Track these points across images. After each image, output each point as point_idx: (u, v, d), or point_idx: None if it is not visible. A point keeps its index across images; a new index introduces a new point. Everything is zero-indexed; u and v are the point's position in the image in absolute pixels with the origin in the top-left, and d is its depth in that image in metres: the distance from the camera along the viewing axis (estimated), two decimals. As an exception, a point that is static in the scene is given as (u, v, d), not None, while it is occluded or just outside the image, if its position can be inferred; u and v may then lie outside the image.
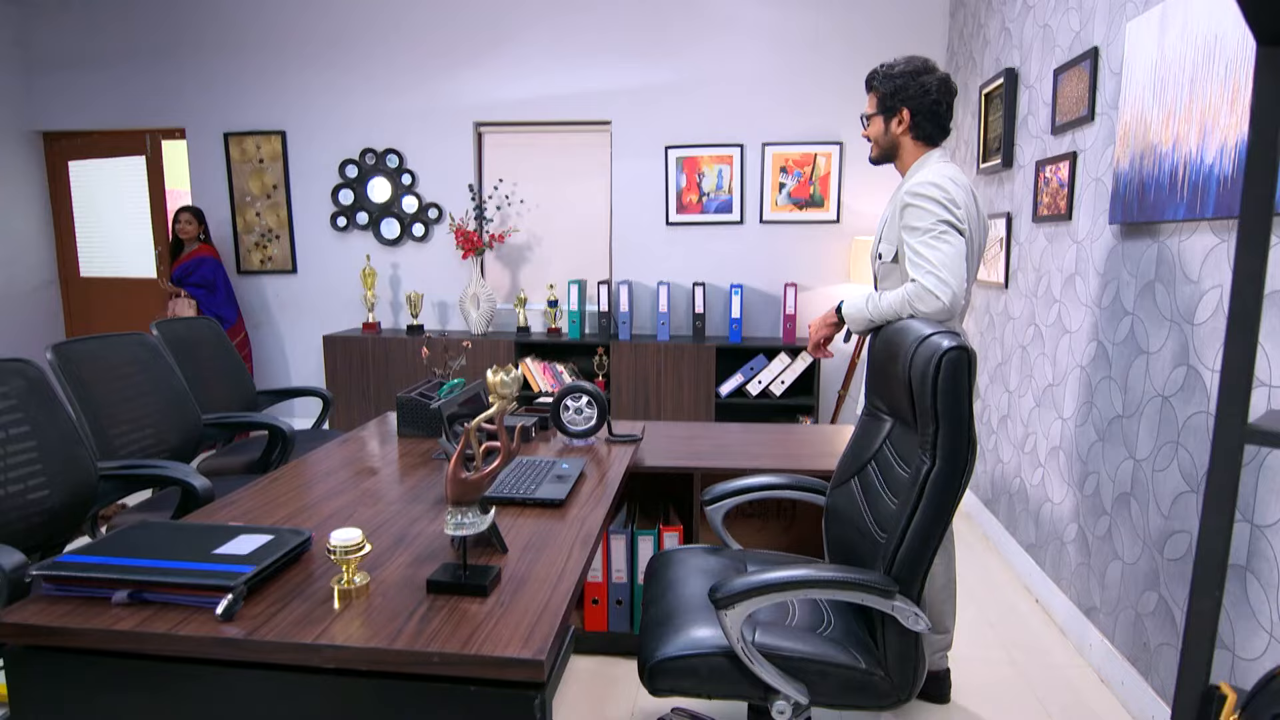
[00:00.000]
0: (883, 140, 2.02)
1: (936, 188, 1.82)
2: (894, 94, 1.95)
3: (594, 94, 4.40)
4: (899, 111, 1.96)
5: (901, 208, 1.87)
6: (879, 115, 2.00)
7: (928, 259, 1.77)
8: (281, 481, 1.86)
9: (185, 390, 2.34)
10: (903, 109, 1.95)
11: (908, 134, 1.98)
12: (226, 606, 1.17)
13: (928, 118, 1.96)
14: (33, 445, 1.74)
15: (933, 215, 1.80)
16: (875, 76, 2.00)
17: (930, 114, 1.95)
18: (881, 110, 1.99)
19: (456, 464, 1.25)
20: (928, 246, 1.78)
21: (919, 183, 1.84)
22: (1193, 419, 1.88)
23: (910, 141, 1.99)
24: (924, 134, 1.97)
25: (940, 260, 1.76)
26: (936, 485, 1.40)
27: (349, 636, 1.13)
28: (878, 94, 1.99)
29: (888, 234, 1.99)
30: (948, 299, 1.74)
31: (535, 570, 1.37)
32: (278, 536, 1.38)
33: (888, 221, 1.99)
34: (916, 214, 1.82)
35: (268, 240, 4.74)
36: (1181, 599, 1.90)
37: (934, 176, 1.85)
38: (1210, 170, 1.80)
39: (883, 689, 1.47)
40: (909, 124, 1.96)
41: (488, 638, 1.13)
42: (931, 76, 1.94)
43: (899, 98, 1.95)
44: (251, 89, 4.61)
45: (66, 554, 1.29)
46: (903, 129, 1.97)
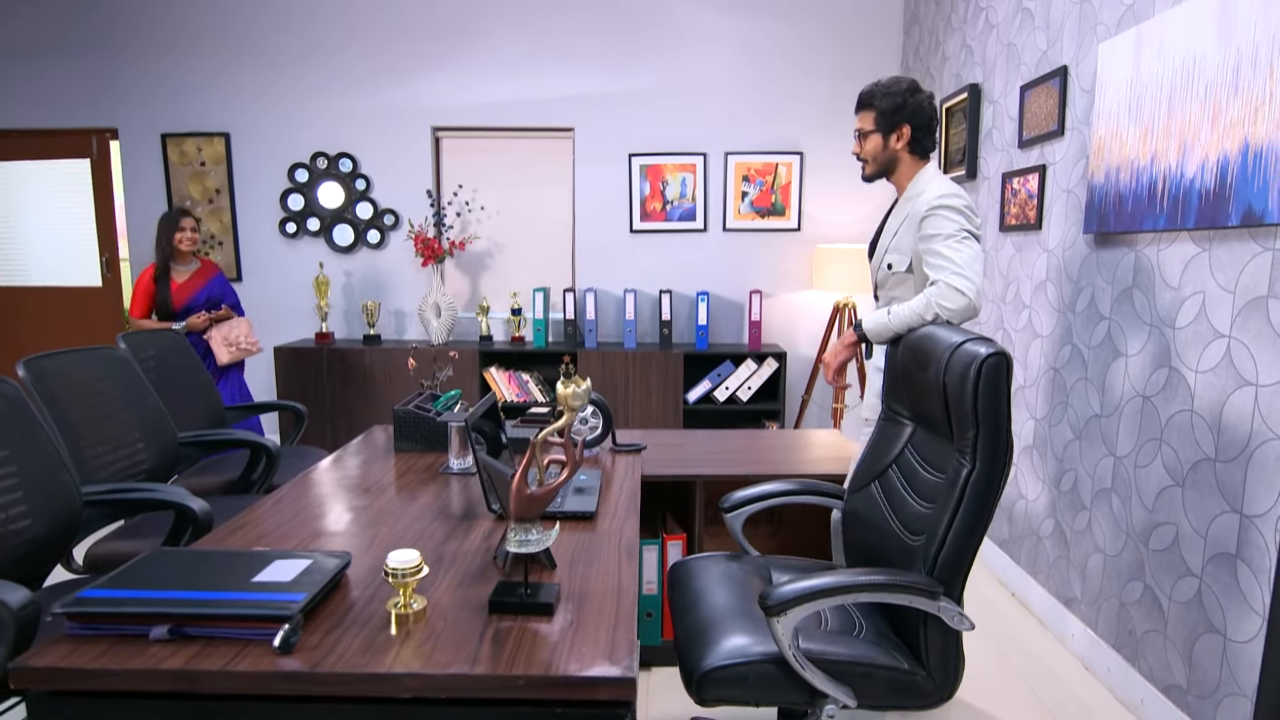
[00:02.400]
0: (881, 156, 2.05)
1: (959, 198, 1.89)
2: (896, 110, 2.00)
3: (556, 100, 4.36)
4: (900, 128, 2.01)
5: (921, 219, 1.92)
6: (877, 132, 2.03)
7: (951, 259, 1.83)
8: (286, 503, 1.77)
9: (160, 407, 2.20)
10: (904, 125, 2.01)
11: (906, 149, 2.03)
12: (284, 638, 1.10)
13: (926, 133, 2.03)
14: (13, 470, 1.60)
15: (955, 224, 1.87)
16: (874, 95, 2.03)
17: (927, 129, 2.03)
18: (881, 127, 2.03)
19: (521, 479, 1.21)
20: (951, 249, 1.84)
21: (941, 194, 1.90)
22: (1176, 417, 2.00)
23: (908, 156, 2.05)
24: (921, 148, 2.04)
25: (964, 260, 1.82)
26: (977, 487, 1.44)
27: (425, 663, 1.08)
28: (877, 111, 2.02)
29: (897, 245, 2.03)
30: (973, 294, 1.80)
31: (590, 586, 1.34)
32: (316, 560, 1.31)
33: (896, 234, 2.04)
34: (939, 222, 1.88)
35: (210, 247, 4.50)
36: (1168, 587, 2.01)
37: (951, 188, 1.93)
38: (1191, 184, 1.92)
39: (925, 689, 1.50)
40: (909, 139, 2.02)
41: (568, 657, 1.10)
42: (924, 94, 2.03)
43: (901, 114, 2.00)
44: (192, 88, 4.38)
45: (90, 589, 1.19)
46: (902, 144, 2.02)
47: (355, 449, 2.26)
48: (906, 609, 1.53)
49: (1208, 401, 1.88)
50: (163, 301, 3.48)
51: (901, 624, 1.59)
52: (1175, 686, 1.98)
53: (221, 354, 3.54)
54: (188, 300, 3.54)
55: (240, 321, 3.64)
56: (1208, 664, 1.87)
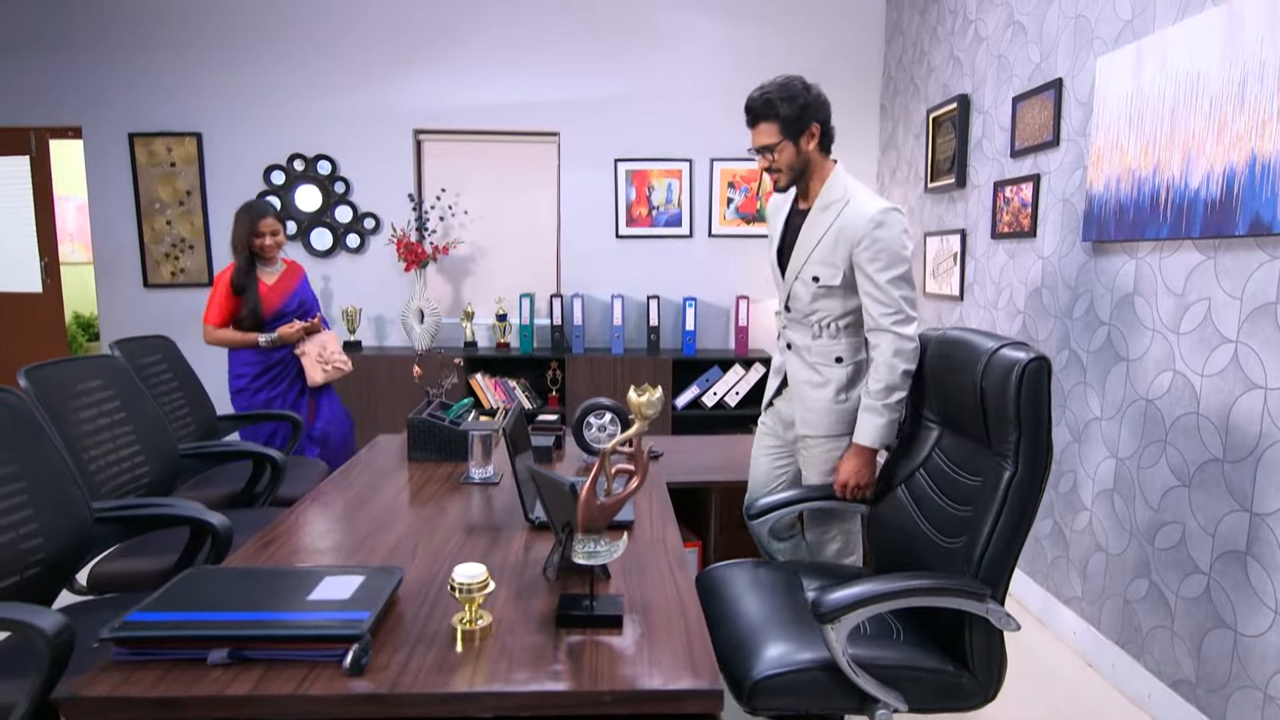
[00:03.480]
0: (796, 162, 1.91)
1: (897, 213, 1.84)
2: (802, 113, 1.86)
3: (542, 104, 4.33)
4: (808, 129, 1.88)
5: (861, 238, 1.83)
6: (786, 140, 1.88)
7: (899, 302, 1.80)
8: (311, 516, 1.71)
9: (160, 418, 2.10)
10: (812, 124, 1.88)
11: (816, 149, 1.92)
12: (355, 659, 1.06)
13: (827, 127, 1.92)
14: (22, 487, 1.51)
15: (900, 252, 1.82)
16: (772, 104, 1.86)
17: (829, 123, 1.93)
18: (790, 134, 1.87)
19: (591, 489, 1.19)
20: (899, 288, 1.81)
21: (883, 211, 1.83)
22: (1182, 419, 2.06)
23: (819, 155, 1.93)
24: (826, 145, 1.93)
25: (908, 299, 1.81)
26: (1020, 490, 1.47)
27: (505, 680, 1.05)
28: (781, 120, 1.87)
29: (827, 259, 1.90)
30: (917, 336, 1.81)
31: (650, 596, 1.32)
32: (369, 576, 1.27)
33: (821, 244, 1.91)
34: (887, 250, 1.81)
35: (180, 251, 4.35)
36: (1175, 585, 2.08)
37: (886, 202, 1.86)
38: (1196, 195, 1.99)
39: (970, 690, 1.52)
40: (819, 138, 1.90)
41: (649, 670, 1.08)
42: (816, 86, 1.91)
43: (808, 114, 1.87)
44: (162, 86, 4.22)
45: (137, 612, 1.13)
46: (813, 145, 1.90)
47: (366, 459, 2.20)
48: (942, 611, 1.55)
49: (1215, 404, 1.95)
50: (252, 308, 2.91)
51: (938, 627, 1.61)
52: (1184, 680, 2.04)
53: (315, 373, 3.00)
54: (280, 306, 2.99)
55: (331, 335, 3.14)
56: (1218, 658, 1.93)
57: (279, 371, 3.01)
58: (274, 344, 2.96)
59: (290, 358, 3.03)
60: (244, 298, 2.93)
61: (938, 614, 1.59)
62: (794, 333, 2.03)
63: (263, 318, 2.95)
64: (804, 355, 1.99)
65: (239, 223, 2.96)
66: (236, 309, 2.93)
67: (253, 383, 2.96)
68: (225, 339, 2.95)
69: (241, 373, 2.97)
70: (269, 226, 2.97)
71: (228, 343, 2.96)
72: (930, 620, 1.63)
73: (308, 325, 3.00)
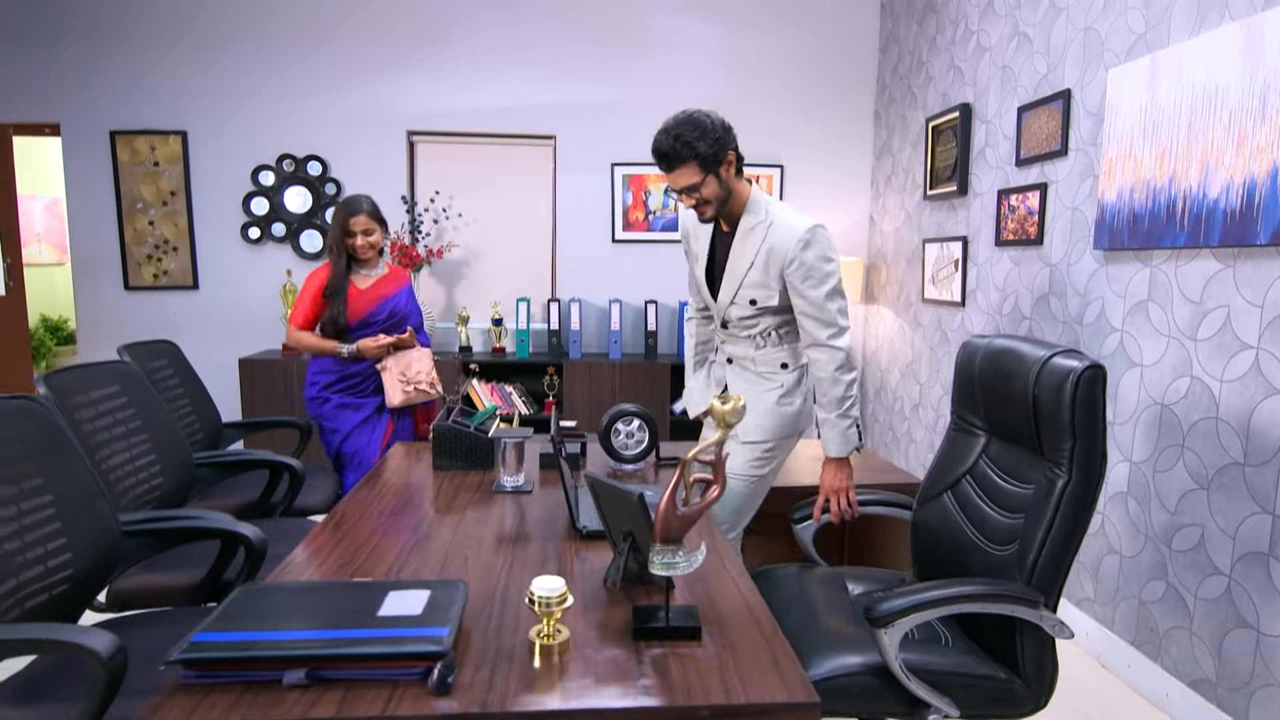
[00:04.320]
0: (721, 193, 1.89)
1: (822, 228, 1.89)
2: (718, 146, 1.82)
3: (538, 108, 4.29)
4: (724, 159, 1.85)
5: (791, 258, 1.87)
6: (709, 176, 1.85)
7: (834, 315, 1.89)
8: (346, 529, 1.66)
9: (174, 425, 2.03)
10: (728, 153, 1.85)
11: (733, 175, 1.90)
12: (440, 677, 1.03)
13: (739, 153, 1.91)
14: (49, 500, 1.43)
15: (830, 267, 1.88)
16: (689, 145, 1.81)
17: (739, 148, 1.90)
18: (711, 169, 1.84)
19: (670, 499, 1.17)
20: (834, 302, 1.89)
21: (810, 229, 1.87)
22: (1200, 424, 2.11)
23: (737, 181, 1.92)
24: (739, 169, 1.93)
25: (842, 310, 1.91)
26: (1074, 498, 1.48)
27: (598, 696, 1.02)
28: (699, 158, 1.82)
29: (761, 280, 1.93)
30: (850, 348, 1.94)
31: (718, 605, 1.31)
32: (435, 591, 1.23)
33: (754, 267, 1.93)
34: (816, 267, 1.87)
35: (163, 252, 4.22)
36: (1194, 586, 2.12)
37: (810, 219, 1.89)
38: (1215, 204, 2.04)
39: (1022, 697, 1.53)
40: (735, 165, 1.89)
41: (741, 683, 1.06)
42: (719, 115, 1.87)
43: (723, 146, 1.84)
44: (146, 82, 4.10)
45: (201, 632, 1.08)
46: (731, 173, 1.89)
47: (387, 467, 2.15)
48: (991, 618, 1.56)
49: (1235, 409, 2.00)
50: (336, 313, 2.64)
51: (985, 633, 1.62)
52: (1204, 680, 2.08)
53: (395, 394, 2.69)
54: (366, 314, 2.69)
55: (423, 353, 2.79)
56: (1239, 658, 1.97)
57: (357, 384, 2.72)
58: (354, 356, 2.67)
59: (371, 371, 2.72)
60: (329, 301, 2.67)
61: (986, 620, 1.59)
62: (734, 346, 2.08)
63: (345, 325, 2.66)
64: (749, 366, 2.06)
65: (334, 219, 2.70)
66: (323, 312, 2.69)
67: (323, 391, 2.71)
68: (306, 344, 2.69)
69: (315, 380, 2.73)
70: (360, 225, 2.65)
71: (307, 348, 2.71)
72: (977, 627, 1.64)
73: (394, 340, 2.69)
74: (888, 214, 4.23)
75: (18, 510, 1.38)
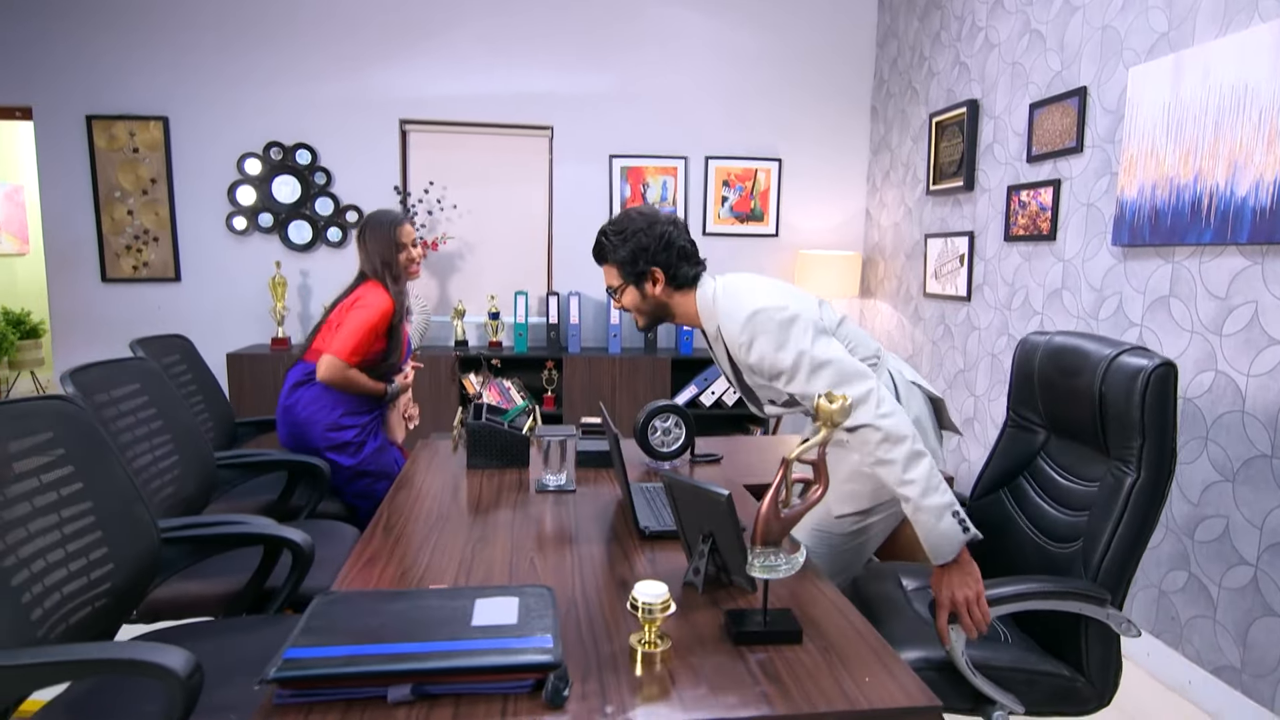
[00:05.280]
0: (644, 306, 1.71)
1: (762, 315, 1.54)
2: (636, 257, 1.65)
3: (535, 97, 4.21)
4: (649, 274, 1.67)
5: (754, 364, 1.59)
6: (627, 285, 1.70)
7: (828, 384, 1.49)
8: (397, 533, 1.60)
9: (195, 425, 1.93)
10: (652, 269, 1.66)
11: (669, 291, 1.69)
12: (555, 689, 0.98)
13: (682, 262, 1.67)
14: (89, 507, 1.35)
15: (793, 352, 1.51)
16: (604, 250, 1.69)
17: (682, 258, 1.67)
18: (629, 278, 1.68)
19: (773, 500, 1.14)
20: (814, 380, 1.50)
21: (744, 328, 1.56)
22: (1225, 417, 2.15)
23: (677, 295, 1.69)
24: (684, 280, 1.68)
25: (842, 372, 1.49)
26: (1142, 496, 1.48)
27: (720, 706, 0.99)
28: (616, 265, 1.69)
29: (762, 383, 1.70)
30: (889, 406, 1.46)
31: (809, 608, 1.28)
32: (523, 597, 1.18)
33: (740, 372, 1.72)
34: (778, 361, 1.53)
35: (143, 243, 4.04)
36: (1217, 576, 2.17)
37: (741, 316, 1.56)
38: (1244, 202, 2.07)
39: (1085, 695, 1.53)
40: (664, 282, 1.68)
41: (856, 687, 1.04)
42: (662, 224, 1.67)
43: (642, 260, 1.65)
44: (125, 65, 3.91)
45: (294, 648, 1.02)
46: (660, 288, 1.68)
47: (419, 467, 2.08)
48: (1052, 615, 1.56)
49: (1262, 403, 2.04)
50: (392, 349, 2.38)
51: (1045, 631, 1.62)
52: (1227, 667, 2.13)
53: (399, 430, 2.56)
54: (406, 347, 2.49)
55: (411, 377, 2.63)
56: (1265, 645, 2.02)
57: (378, 422, 2.51)
58: (394, 396, 2.46)
59: (382, 409, 2.53)
60: (393, 336, 2.35)
61: (1047, 617, 1.60)
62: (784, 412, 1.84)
63: (398, 362, 2.42)
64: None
65: (376, 237, 2.39)
66: (381, 350, 2.35)
67: (360, 434, 2.40)
68: (359, 385, 2.33)
69: (352, 423, 2.36)
70: (409, 235, 2.41)
71: (356, 387, 2.34)
72: (1036, 624, 1.65)
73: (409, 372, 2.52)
74: (885, 209, 4.25)
75: (58, 519, 1.30)
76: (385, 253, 2.39)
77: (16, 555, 1.19)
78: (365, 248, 2.42)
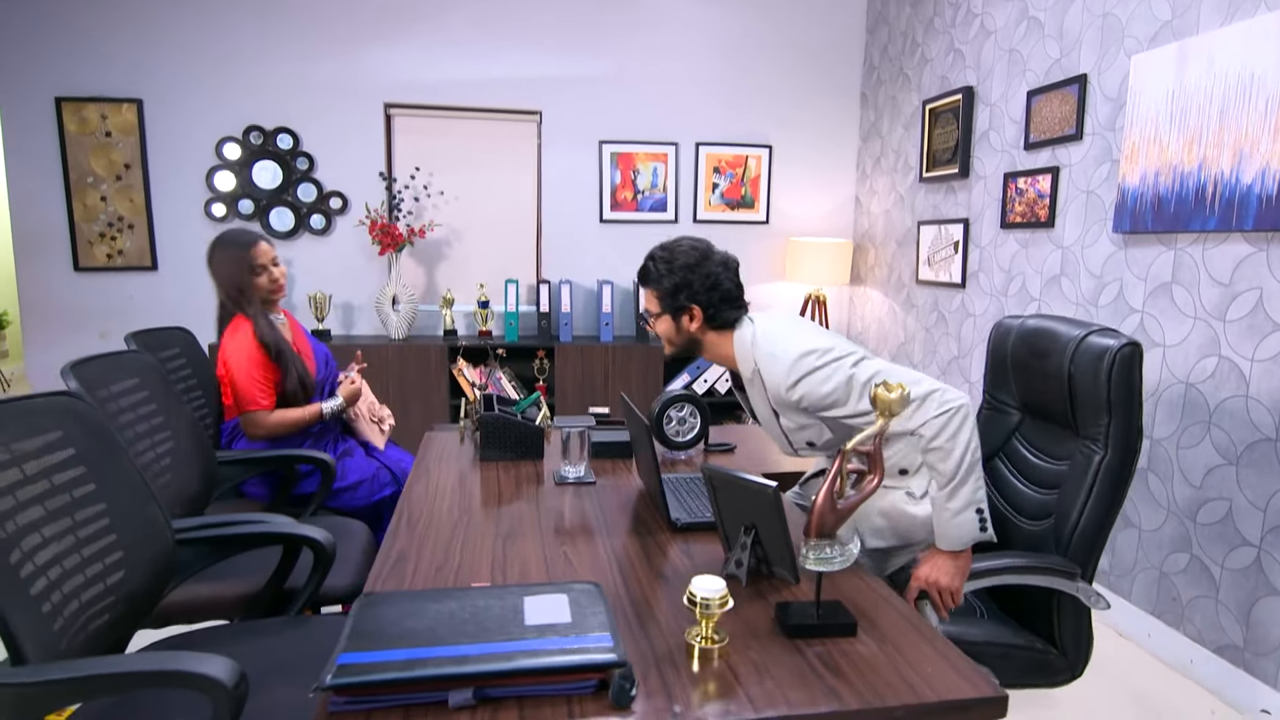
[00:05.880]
0: (677, 339, 1.71)
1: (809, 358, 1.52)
2: (678, 290, 1.64)
3: (523, 81, 4.13)
4: (688, 310, 1.66)
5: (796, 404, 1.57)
6: (664, 314, 1.68)
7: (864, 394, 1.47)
8: (421, 530, 1.55)
9: (196, 422, 1.86)
10: (691, 306, 1.65)
11: (704, 329, 1.67)
12: (621, 689, 0.96)
13: (725, 306, 1.66)
14: (102, 509, 1.28)
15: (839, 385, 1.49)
16: (648, 275, 1.68)
17: (724, 301, 1.66)
18: (668, 308, 1.67)
19: (829, 492, 1.12)
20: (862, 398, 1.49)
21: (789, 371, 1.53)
22: (1227, 402, 2.19)
23: (713, 334, 1.68)
24: (723, 322, 1.67)
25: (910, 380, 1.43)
26: (1110, 473, 1.52)
27: (787, 702, 0.97)
28: (658, 291, 1.67)
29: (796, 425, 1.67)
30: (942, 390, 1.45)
31: (854, 599, 1.27)
32: (572, 593, 1.15)
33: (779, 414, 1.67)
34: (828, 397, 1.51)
35: (117, 231, 3.90)
36: (1220, 557, 2.21)
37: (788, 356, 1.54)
38: (1249, 190, 2.10)
39: (1058, 666, 1.57)
40: (702, 321, 1.67)
41: (922, 680, 1.03)
42: (713, 262, 1.66)
43: (685, 294, 1.64)
44: (98, 46, 3.75)
45: (346, 653, 0.98)
46: (696, 326, 1.67)
47: (429, 462, 2.03)
48: (1026, 590, 1.59)
49: (1267, 387, 2.07)
50: (299, 369, 2.20)
51: (1019, 605, 1.65)
52: (1230, 646, 2.18)
53: (375, 435, 2.43)
54: (314, 366, 2.33)
55: (360, 383, 2.43)
56: (1268, 624, 2.06)
57: (329, 443, 2.32)
58: (339, 409, 2.30)
59: (330, 424, 2.34)
60: (282, 360, 2.16)
61: (1021, 592, 1.63)
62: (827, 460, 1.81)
63: (313, 382, 2.25)
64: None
65: (225, 260, 2.19)
66: (279, 379, 2.17)
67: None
68: (293, 422, 2.17)
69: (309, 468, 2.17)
70: (267, 254, 2.22)
71: (293, 425, 2.18)
72: (1010, 599, 1.68)
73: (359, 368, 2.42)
74: (876, 196, 4.26)
75: (72, 522, 1.23)
76: (238, 278, 2.18)
77: (33, 562, 1.12)
78: (217, 278, 2.20)
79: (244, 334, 2.16)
